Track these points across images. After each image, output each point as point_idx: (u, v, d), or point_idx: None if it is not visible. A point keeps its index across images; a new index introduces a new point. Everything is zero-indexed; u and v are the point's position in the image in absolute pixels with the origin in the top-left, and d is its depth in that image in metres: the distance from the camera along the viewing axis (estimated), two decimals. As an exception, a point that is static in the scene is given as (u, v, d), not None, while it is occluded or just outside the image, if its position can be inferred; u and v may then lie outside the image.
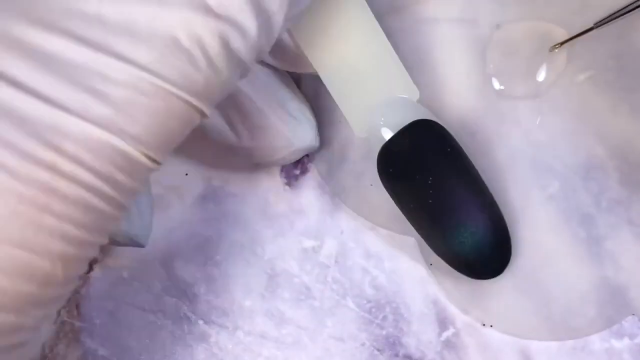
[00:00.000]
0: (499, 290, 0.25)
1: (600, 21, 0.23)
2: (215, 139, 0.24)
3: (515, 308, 0.25)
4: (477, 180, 0.23)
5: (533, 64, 0.25)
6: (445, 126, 0.23)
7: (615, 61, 0.24)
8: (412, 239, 0.26)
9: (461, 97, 0.25)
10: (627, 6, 0.23)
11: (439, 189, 0.22)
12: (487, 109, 0.25)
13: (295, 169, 0.27)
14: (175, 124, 0.16)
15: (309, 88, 0.26)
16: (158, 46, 0.15)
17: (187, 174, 0.27)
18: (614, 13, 0.23)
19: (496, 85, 0.25)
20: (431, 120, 0.23)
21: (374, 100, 0.23)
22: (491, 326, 0.25)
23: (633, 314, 0.24)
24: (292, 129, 0.24)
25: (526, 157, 0.25)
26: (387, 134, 0.23)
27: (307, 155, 0.27)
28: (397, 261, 0.26)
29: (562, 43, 0.24)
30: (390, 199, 0.24)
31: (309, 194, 0.26)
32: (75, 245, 0.15)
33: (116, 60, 0.15)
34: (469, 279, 0.23)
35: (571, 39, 0.24)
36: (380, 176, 0.23)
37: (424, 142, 0.22)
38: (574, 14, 0.24)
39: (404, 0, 0.25)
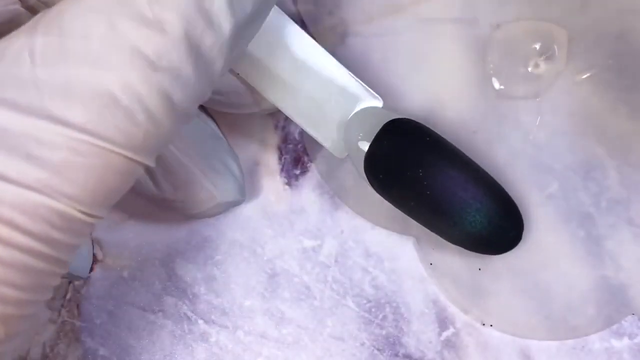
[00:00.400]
0: (499, 290, 0.25)
1: None
2: (138, 191, 0.23)
3: (515, 308, 0.25)
4: (465, 159, 0.23)
5: (533, 64, 0.25)
6: (435, 124, 0.23)
7: (615, 61, 0.24)
8: (411, 238, 0.26)
9: (461, 97, 0.25)
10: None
11: (432, 179, 0.22)
12: (487, 109, 0.25)
13: (295, 168, 0.27)
14: (115, 179, 0.16)
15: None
16: (94, 105, 0.15)
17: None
18: None
19: (496, 85, 0.25)
20: (401, 118, 0.23)
21: (341, 119, 0.23)
22: (491, 326, 0.25)
23: (633, 314, 0.24)
24: (216, 183, 0.24)
25: (526, 157, 0.25)
26: (365, 146, 0.23)
27: (307, 155, 0.26)
28: (396, 261, 0.26)
29: None
30: (390, 199, 0.24)
31: (309, 194, 0.26)
32: (15, 305, 0.15)
33: (51, 123, 0.15)
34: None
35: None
36: (372, 186, 0.23)
37: (402, 140, 0.22)
38: (574, 14, 0.24)
39: (404, 0, 0.25)
